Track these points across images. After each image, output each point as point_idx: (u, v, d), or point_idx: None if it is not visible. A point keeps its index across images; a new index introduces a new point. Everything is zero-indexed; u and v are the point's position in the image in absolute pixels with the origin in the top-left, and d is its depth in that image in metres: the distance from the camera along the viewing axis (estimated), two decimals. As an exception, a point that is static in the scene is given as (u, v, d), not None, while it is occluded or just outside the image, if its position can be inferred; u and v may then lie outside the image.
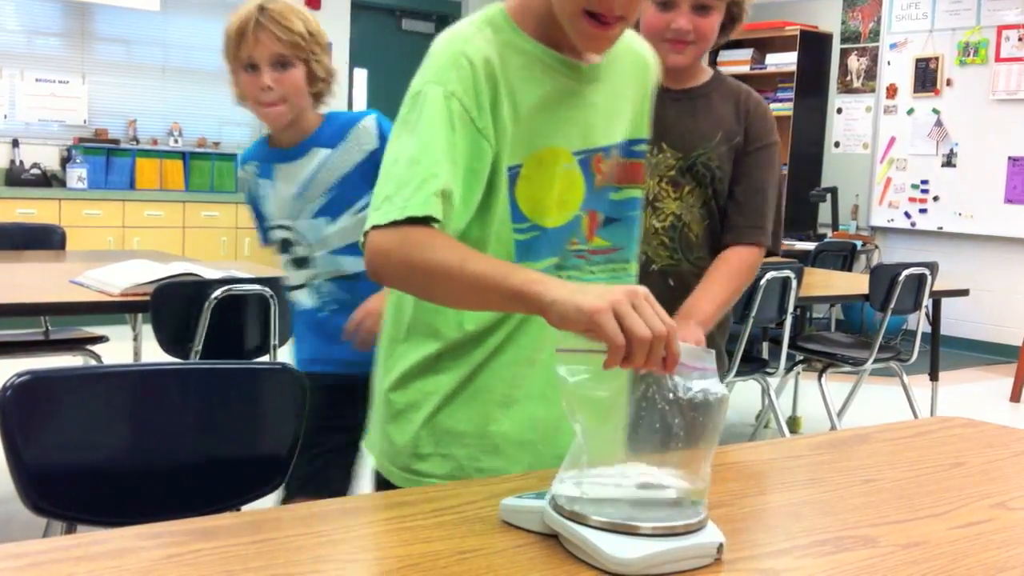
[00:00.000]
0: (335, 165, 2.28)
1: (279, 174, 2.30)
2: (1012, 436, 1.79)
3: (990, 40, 7.36)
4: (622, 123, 1.51)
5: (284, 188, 2.30)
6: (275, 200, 2.32)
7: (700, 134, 2.08)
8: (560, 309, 1.15)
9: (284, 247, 2.35)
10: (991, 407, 5.79)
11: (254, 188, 2.37)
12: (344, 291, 2.31)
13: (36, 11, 7.18)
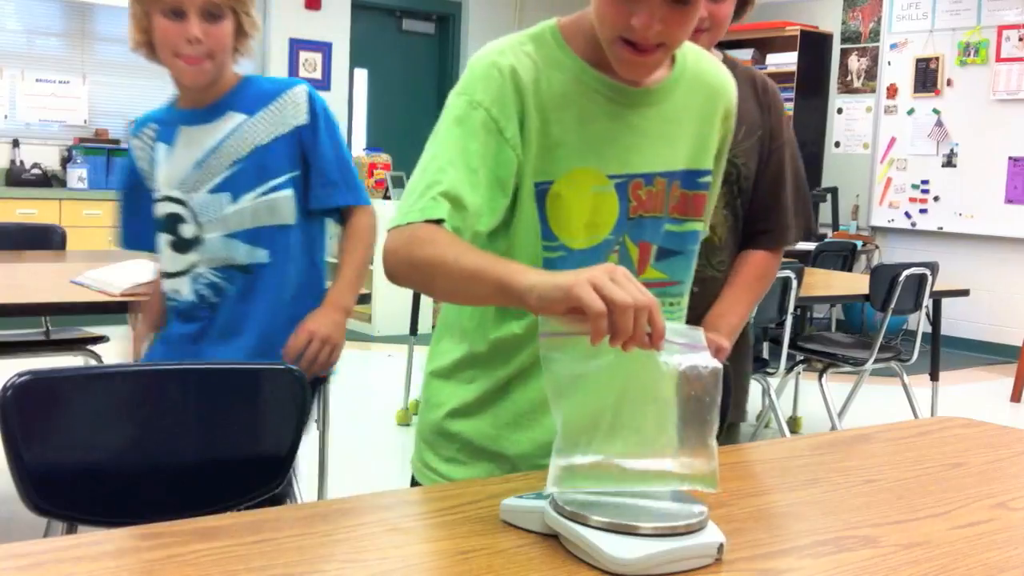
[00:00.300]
0: (250, 134, 2.03)
1: (182, 138, 2.05)
2: (1013, 436, 1.79)
3: (990, 40, 7.36)
4: (678, 152, 1.47)
5: (185, 154, 2.04)
6: (170, 167, 2.05)
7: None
8: (539, 291, 1.15)
9: (168, 225, 2.06)
10: (991, 407, 5.79)
11: (145, 154, 2.10)
12: (231, 283, 2.05)
13: (37, 11, 7.18)
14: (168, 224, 2.06)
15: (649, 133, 1.44)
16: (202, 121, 2.04)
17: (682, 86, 1.47)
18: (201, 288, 2.06)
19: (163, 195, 2.05)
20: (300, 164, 2.06)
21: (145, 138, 2.10)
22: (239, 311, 2.05)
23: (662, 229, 1.48)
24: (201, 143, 2.03)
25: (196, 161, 2.02)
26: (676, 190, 1.48)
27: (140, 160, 2.10)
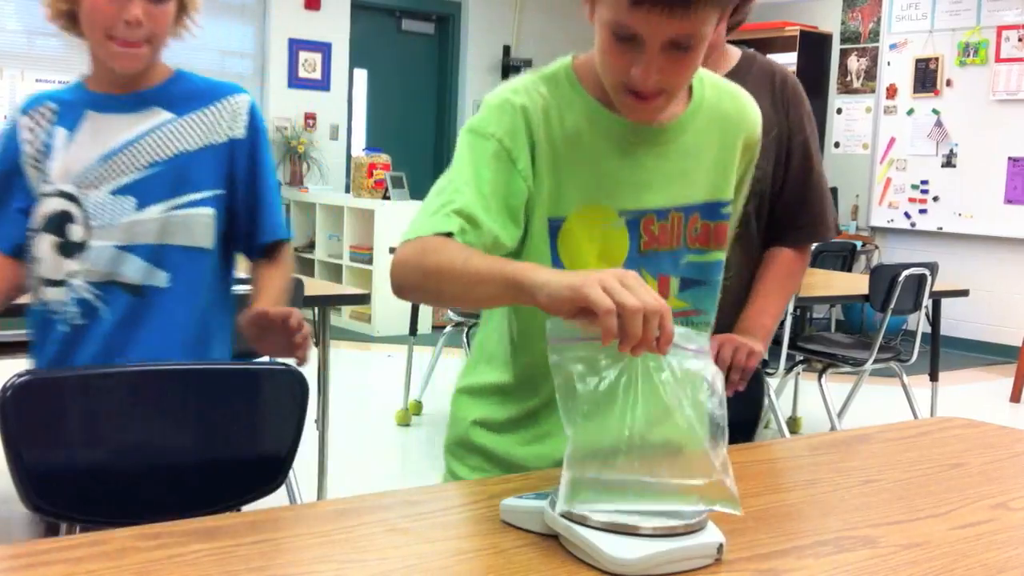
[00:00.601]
0: (175, 136, 1.76)
1: (89, 124, 1.75)
2: (1012, 436, 1.79)
3: (990, 40, 7.36)
4: (696, 185, 1.48)
5: (89, 144, 1.74)
6: (68, 157, 1.74)
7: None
8: (550, 288, 1.15)
9: (53, 224, 1.73)
10: (991, 407, 5.79)
11: (36, 137, 1.77)
12: (111, 306, 1.73)
13: (36, 11, 7.13)
14: (54, 223, 1.73)
15: (663, 169, 1.46)
16: (118, 109, 1.76)
17: (699, 119, 1.48)
18: (71, 305, 1.74)
19: (55, 189, 1.73)
20: (225, 182, 1.79)
21: (39, 118, 1.77)
22: (118, 338, 1.72)
23: (682, 261, 1.49)
24: (113, 134, 1.74)
25: (102, 155, 1.73)
26: (697, 222, 1.49)
27: (27, 143, 1.76)
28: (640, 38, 1.29)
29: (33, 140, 1.76)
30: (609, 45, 1.33)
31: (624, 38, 1.30)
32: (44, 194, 1.74)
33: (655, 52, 1.29)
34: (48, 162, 1.74)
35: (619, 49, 1.31)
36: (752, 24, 8.49)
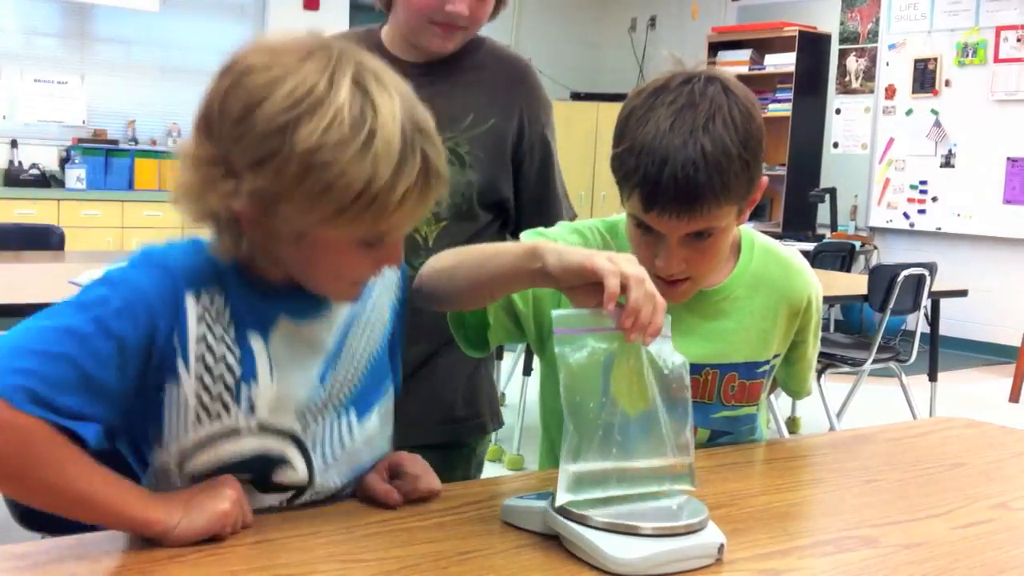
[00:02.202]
0: (367, 329, 1.33)
1: (285, 335, 1.22)
2: (1013, 436, 1.79)
3: (989, 40, 7.36)
4: (735, 346, 1.53)
5: (294, 359, 1.23)
6: (280, 383, 1.21)
7: (448, 116, 1.74)
8: (561, 255, 1.18)
9: (255, 467, 1.19)
10: (990, 407, 5.79)
11: (216, 339, 1.17)
12: None
13: (35, 11, 7.18)
14: (256, 466, 1.19)
15: (701, 329, 1.51)
16: (311, 314, 1.25)
17: (742, 286, 1.54)
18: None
19: (260, 424, 1.19)
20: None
21: (218, 309, 1.18)
22: None
23: (713, 415, 1.54)
24: (318, 343, 1.25)
25: (319, 373, 1.25)
26: (734, 380, 1.55)
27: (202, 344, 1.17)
28: (660, 233, 1.36)
29: (215, 343, 1.17)
30: (634, 234, 1.42)
31: (647, 229, 1.38)
32: (236, 430, 1.17)
33: (675, 244, 1.36)
34: (247, 383, 1.18)
35: (643, 240, 1.39)
36: (750, 24, 8.51)
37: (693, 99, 1.33)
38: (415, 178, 1.09)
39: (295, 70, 1.07)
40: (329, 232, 1.10)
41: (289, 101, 1.05)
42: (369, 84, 1.08)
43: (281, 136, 1.05)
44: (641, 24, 9.50)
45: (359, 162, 1.05)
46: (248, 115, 1.06)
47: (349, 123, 1.05)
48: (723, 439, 1.59)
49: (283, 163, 1.05)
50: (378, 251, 1.15)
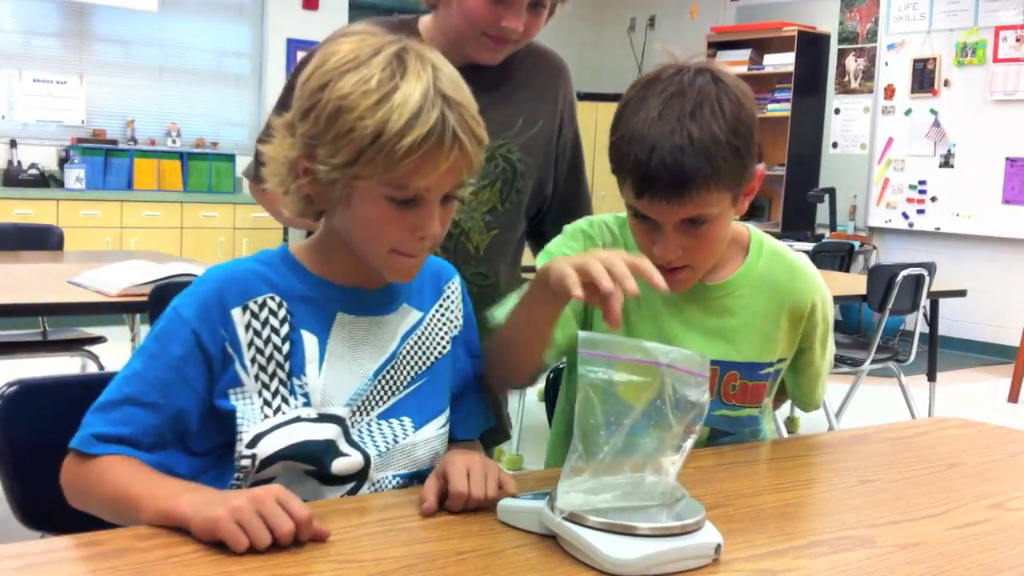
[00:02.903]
0: (426, 341, 1.43)
1: (342, 332, 1.34)
2: (1009, 436, 1.79)
3: (988, 40, 7.36)
4: (738, 345, 1.55)
5: (351, 356, 1.34)
6: (329, 372, 1.32)
7: (499, 123, 1.75)
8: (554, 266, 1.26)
9: (310, 453, 1.29)
10: (989, 407, 5.79)
11: (267, 341, 1.29)
12: None
13: (34, 11, 7.17)
14: (311, 452, 1.30)
15: (703, 324, 1.54)
16: (372, 311, 1.37)
17: (747, 284, 1.56)
18: None
19: (315, 414, 1.30)
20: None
21: (268, 315, 1.30)
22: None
23: (712, 412, 1.54)
24: (380, 345, 1.36)
25: (374, 371, 1.36)
26: (735, 379, 1.56)
27: (252, 348, 1.29)
28: (656, 221, 1.39)
29: (263, 345, 1.29)
30: (633, 224, 1.45)
31: (643, 217, 1.41)
32: (291, 419, 1.29)
33: (670, 231, 1.39)
34: (298, 377, 1.30)
35: (641, 228, 1.43)
36: (749, 24, 8.50)
37: (682, 88, 1.36)
38: (426, 132, 1.20)
39: (354, 47, 1.26)
40: (359, 184, 1.24)
41: (338, 63, 1.24)
42: (409, 57, 1.24)
43: (323, 89, 1.24)
44: (640, 24, 9.50)
45: (376, 110, 1.20)
46: (308, 78, 1.27)
47: (377, 80, 1.22)
48: (724, 439, 1.60)
49: (320, 109, 1.23)
50: (410, 215, 1.26)
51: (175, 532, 1.11)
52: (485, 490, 1.23)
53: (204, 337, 1.26)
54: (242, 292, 1.29)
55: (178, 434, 1.27)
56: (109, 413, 1.24)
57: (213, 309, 1.27)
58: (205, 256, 6.54)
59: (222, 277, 1.30)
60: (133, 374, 1.27)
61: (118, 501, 1.18)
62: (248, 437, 1.27)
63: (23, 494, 1.41)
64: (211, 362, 1.26)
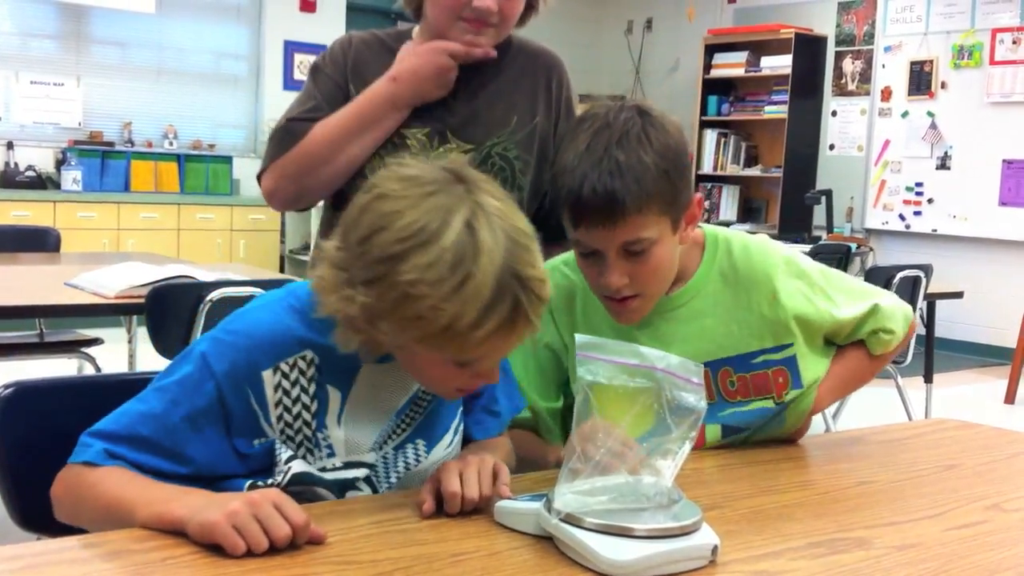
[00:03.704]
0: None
1: (366, 379, 1.35)
2: (1006, 438, 1.79)
3: (984, 43, 7.37)
4: (718, 341, 1.57)
5: (373, 401, 1.36)
6: (349, 425, 1.34)
7: (494, 122, 1.84)
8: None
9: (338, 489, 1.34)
10: (986, 409, 5.79)
11: (293, 400, 1.30)
12: None
13: (31, 13, 7.17)
14: (338, 488, 1.34)
15: (678, 332, 1.55)
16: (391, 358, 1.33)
17: (711, 282, 1.58)
18: None
19: (341, 463, 1.34)
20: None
21: (297, 374, 1.30)
22: None
23: (720, 412, 1.58)
24: (398, 389, 1.38)
25: (397, 410, 1.38)
26: (731, 375, 1.58)
27: (280, 407, 1.29)
28: (597, 251, 1.43)
29: (291, 405, 1.30)
30: (580, 262, 1.49)
31: (586, 254, 1.46)
32: (322, 468, 1.32)
33: (613, 259, 1.42)
34: (322, 431, 1.32)
35: (586, 263, 1.47)
36: (747, 27, 8.51)
37: (608, 122, 1.41)
38: (500, 322, 1.17)
39: (417, 204, 1.17)
40: (423, 350, 1.22)
41: (403, 234, 1.16)
42: (480, 227, 1.16)
43: (390, 264, 1.16)
44: (637, 26, 9.50)
45: (449, 300, 1.14)
46: (370, 238, 1.18)
47: (449, 264, 1.14)
48: (736, 436, 1.61)
49: (387, 288, 1.17)
50: (472, 370, 1.25)
51: (173, 534, 1.11)
52: (480, 489, 1.24)
53: (228, 394, 1.25)
54: (277, 354, 1.28)
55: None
56: (118, 446, 1.22)
57: (243, 369, 1.26)
58: (202, 257, 6.54)
59: (261, 338, 1.28)
60: (150, 414, 1.24)
61: (112, 507, 1.17)
62: (284, 456, 1.29)
63: (20, 496, 1.41)
64: (230, 418, 1.26)
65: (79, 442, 1.24)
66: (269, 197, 1.87)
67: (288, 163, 1.82)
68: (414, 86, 1.79)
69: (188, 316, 2.92)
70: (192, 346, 1.29)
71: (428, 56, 1.79)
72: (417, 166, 1.23)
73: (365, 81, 1.82)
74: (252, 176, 2.19)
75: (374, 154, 1.80)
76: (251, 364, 1.26)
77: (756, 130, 8.58)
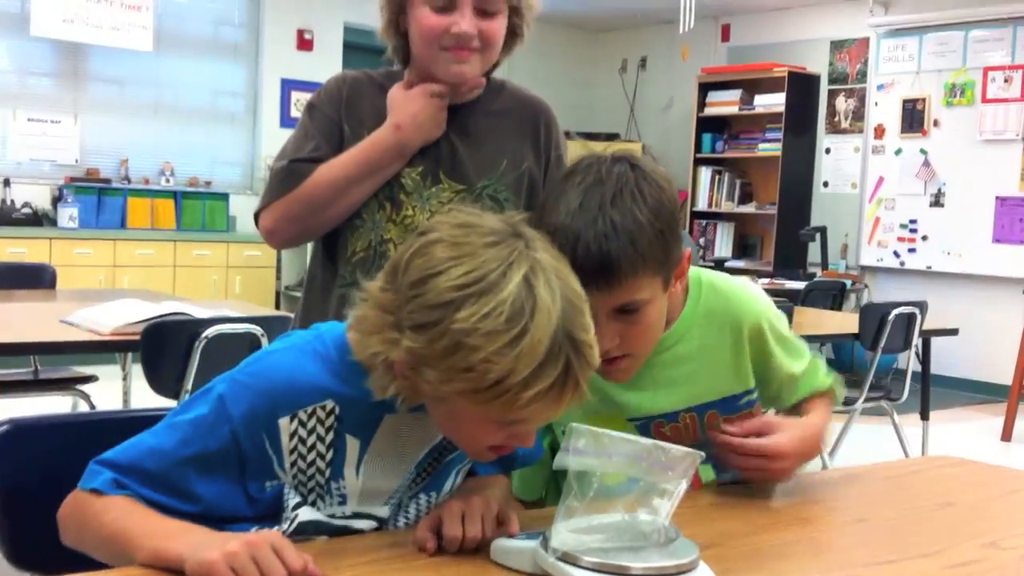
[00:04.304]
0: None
1: (387, 430, 1.32)
2: (1003, 475, 1.79)
3: (976, 81, 7.42)
4: (705, 385, 1.56)
5: (393, 454, 1.33)
6: (367, 473, 1.32)
7: (485, 163, 1.86)
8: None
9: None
10: (982, 446, 5.78)
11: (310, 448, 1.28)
12: None
13: (29, 51, 7.20)
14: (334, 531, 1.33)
15: (663, 377, 1.54)
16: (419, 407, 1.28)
17: (695, 326, 1.56)
18: None
19: (351, 512, 1.33)
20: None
21: (316, 423, 1.28)
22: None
23: (711, 454, 1.54)
24: (418, 440, 1.35)
25: (415, 464, 1.36)
26: (716, 418, 1.56)
27: (296, 454, 1.28)
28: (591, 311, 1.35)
29: (307, 452, 1.28)
30: None
31: None
32: (331, 515, 1.32)
33: (604, 321, 1.36)
34: (336, 481, 1.31)
35: None
36: (740, 65, 8.57)
37: (600, 177, 1.38)
38: (551, 383, 1.13)
39: (477, 253, 1.14)
40: (466, 404, 1.16)
41: (461, 281, 1.12)
42: (538, 284, 1.13)
43: (444, 311, 1.12)
44: (632, 65, 9.57)
45: (503, 355, 1.11)
46: (424, 282, 1.14)
47: (507, 316, 1.11)
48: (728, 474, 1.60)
49: (439, 335, 1.12)
50: (511, 430, 1.21)
51: (170, 571, 1.10)
52: (482, 530, 1.22)
53: (243, 439, 1.23)
54: (296, 402, 1.25)
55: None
56: (126, 476, 1.21)
57: (261, 416, 1.24)
58: (198, 294, 6.54)
59: (282, 384, 1.25)
60: (160, 451, 1.22)
61: (114, 538, 1.17)
62: (292, 503, 1.28)
63: (13, 534, 1.40)
64: (245, 462, 1.24)
65: (88, 469, 1.23)
66: (267, 235, 1.89)
67: (290, 204, 1.84)
68: (418, 132, 1.82)
69: (183, 353, 2.92)
70: (212, 384, 1.26)
71: (422, 99, 1.82)
72: (475, 215, 1.20)
73: (359, 119, 1.85)
74: (248, 212, 2.20)
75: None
76: (269, 410, 1.24)
77: (750, 167, 8.63)
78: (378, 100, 1.86)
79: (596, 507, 1.14)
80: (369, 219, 1.83)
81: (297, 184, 1.82)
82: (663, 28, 8.91)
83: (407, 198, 1.82)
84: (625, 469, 1.15)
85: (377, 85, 1.90)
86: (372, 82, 1.91)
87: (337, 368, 1.26)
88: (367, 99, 1.88)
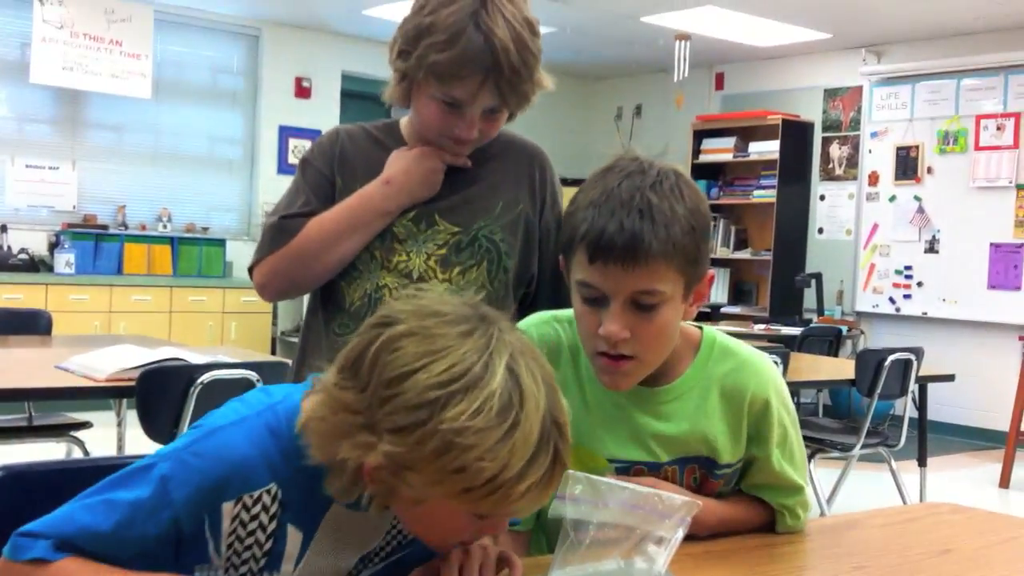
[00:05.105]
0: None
1: (331, 523, 1.25)
2: (1001, 522, 1.78)
3: (969, 129, 7.49)
4: (693, 444, 1.50)
5: (335, 546, 1.26)
6: (309, 565, 1.25)
7: (480, 207, 1.87)
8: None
9: None
10: (980, 493, 5.76)
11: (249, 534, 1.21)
12: None
13: (28, 98, 7.25)
14: None
15: (654, 428, 1.49)
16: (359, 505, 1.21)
17: (696, 387, 1.50)
18: None
19: None
20: None
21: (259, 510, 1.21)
22: None
23: None
24: (367, 533, 1.28)
25: (361, 556, 1.29)
26: (695, 472, 1.52)
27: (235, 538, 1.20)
28: (605, 296, 1.34)
29: (245, 537, 1.20)
30: (579, 308, 1.40)
31: (590, 300, 1.37)
32: None
33: (620, 307, 1.34)
34: (270, 572, 1.24)
35: (587, 310, 1.38)
36: (735, 113, 8.64)
37: (643, 168, 1.38)
38: (543, 472, 1.08)
39: (453, 346, 1.07)
40: (450, 504, 1.09)
41: (443, 378, 1.05)
42: (521, 372, 1.08)
43: (430, 410, 1.05)
44: (627, 112, 9.65)
45: (496, 450, 1.05)
46: (400, 380, 1.06)
47: (497, 410, 1.05)
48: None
49: (426, 436, 1.05)
50: (488, 522, 1.15)
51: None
52: None
53: (184, 522, 1.15)
54: (243, 485, 1.17)
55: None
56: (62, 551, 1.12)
57: (205, 498, 1.15)
58: (193, 340, 6.53)
59: (230, 466, 1.16)
60: (96, 532, 1.13)
61: None
62: None
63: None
64: (182, 540, 1.16)
65: (13, 542, 1.12)
66: (260, 290, 1.94)
67: (281, 259, 1.87)
68: (406, 188, 1.84)
69: (179, 399, 2.91)
70: (153, 461, 1.16)
71: (418, 160, 1.85)
72: (437, 300, 1.14)
73: (352, 173, 1.87)
74: (245, 258, 2.22)
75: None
76: (215, 495, 1.16)
77: (745, 214, 8.67)
78: (373, 153, 1.89)
79: (592, 555, 1.13)
80: (364, 268, 1.85)
81: (288, 240, 1.85)
82: (658, 76, 8.99)
83: (400, 245, 1.83)
84: (621, 517, 1.15)
85: (372, 139, 1.92)
86: (367, 135, 1.94)
87: (286, 447, 1.17)
88: (362, 152, 1.90)
